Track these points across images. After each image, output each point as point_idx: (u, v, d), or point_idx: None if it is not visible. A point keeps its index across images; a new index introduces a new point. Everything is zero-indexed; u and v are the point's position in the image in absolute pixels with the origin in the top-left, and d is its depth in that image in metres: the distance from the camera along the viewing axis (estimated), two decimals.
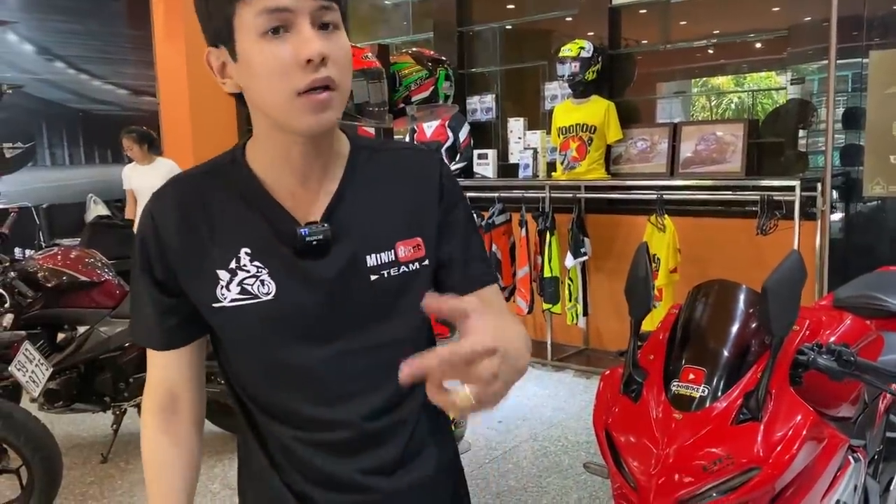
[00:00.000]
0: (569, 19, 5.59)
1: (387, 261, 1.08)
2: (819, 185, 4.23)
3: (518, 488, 3.43)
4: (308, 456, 1.09)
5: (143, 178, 5.65)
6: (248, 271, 1.04)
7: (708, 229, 4.78)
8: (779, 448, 1.60)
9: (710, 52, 5.25)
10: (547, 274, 5.02)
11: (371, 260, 1.07)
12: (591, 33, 5.33)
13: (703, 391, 1.71)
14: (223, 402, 3.88)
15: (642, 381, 1.82)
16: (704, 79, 5.41)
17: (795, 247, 4.15)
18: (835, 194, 4.64)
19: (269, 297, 1.04)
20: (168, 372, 1.14)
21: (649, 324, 2.12)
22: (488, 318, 0.83)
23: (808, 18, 4.73)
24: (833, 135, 4.31)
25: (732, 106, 5.50)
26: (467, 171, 5.61)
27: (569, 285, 5.07)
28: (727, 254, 4.62)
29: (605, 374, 1.94)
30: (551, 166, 5.28)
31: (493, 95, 5.82)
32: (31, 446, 3.01)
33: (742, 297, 1.87)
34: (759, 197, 4.37)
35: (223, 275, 1.04)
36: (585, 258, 5.06)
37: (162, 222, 1.05)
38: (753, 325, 1.81)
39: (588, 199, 5.21)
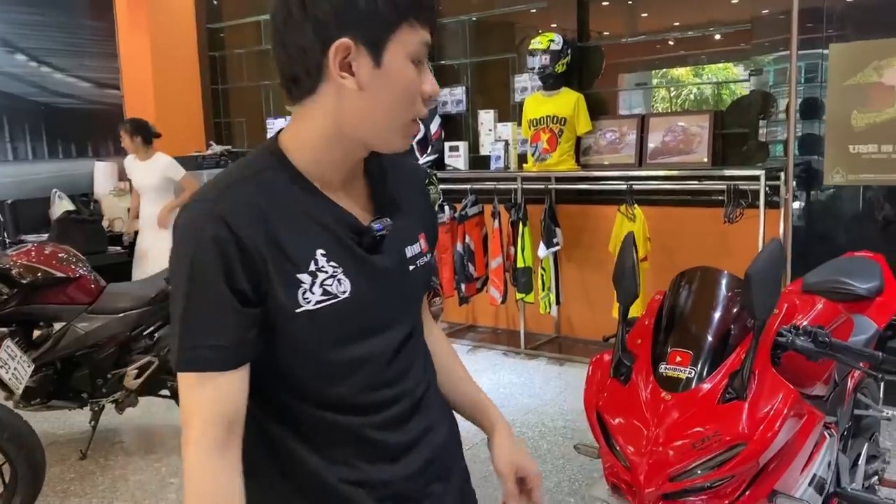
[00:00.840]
0: (535, 11, 5.66)
1: (417, 252, 1.16)
2: (782, 175, 4.37)
3: (492, 475, 3.50)
4: (378, 436, 1.12)
5: (139, 175, 5.55)
6: (326, 272, 1.05)
7: (676, 218, 4.91)
8: (763, 425, 1.69)
9: (673, 43, 5.36)
10: (520, 264, 5.10)
11: (409, 252, 1.15)
12: (556, 25, 5.42)
13: (690, 373, 1.80)
14: None
15: (631, 365, 1.90)
16: (665, 70, 5.53)
17: (760, 234, 4.30)
18: (796, 183, 4.80)
19: (346, 294, 1.06)
20: (229, 396, 1.01)
21: (633, 309, 2.20)
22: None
23: (769, 11, 4.86)
24: (795, 125, 4.46)
25: (692, 97, 5.62)
26: (439, 164, 5.66)
27: (542, 275, 5.16)
28: (696, 242, 4.75)
29: (595, 358, 2.01)
30: (522, 158, 5.36)
31: (464, 88, 5.87)
32: (15, 443, 3.01)
33: (724, 283, 1.96)
34: (725, 186, 4.50)
35: (305, 278, 1.03)
36: (558, 248, 5.16)
37: (239, 226, 0.99)
38: (735, 310, 1.90)
39: (559, 190, 5.31)
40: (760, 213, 4.30)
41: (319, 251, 1.05)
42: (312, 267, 1.04)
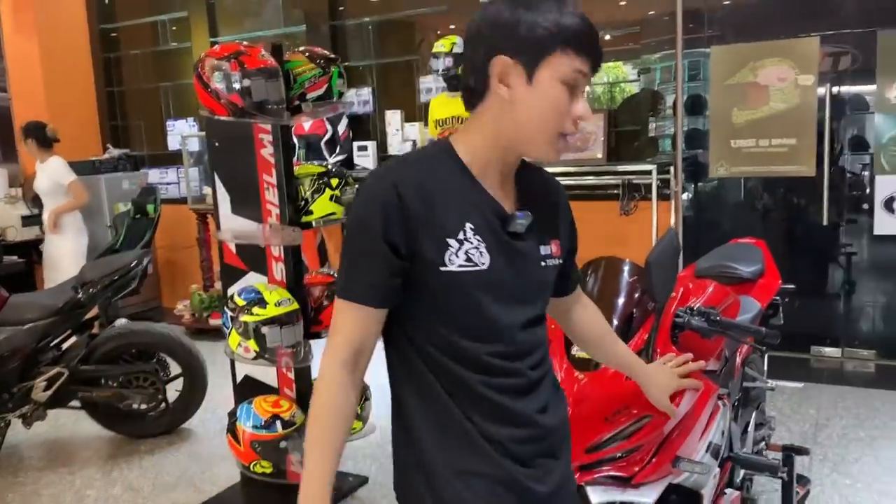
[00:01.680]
0: (436, 14, 5.79)
1: (548, 253, 1.38)
2: (672, 169, 4.69)
3: None
4: (497, 399, 1.31)
5: (37, 178, 5.36)
6: (471, 243, 1.26)
7: (576, 212, 5.08)
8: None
9: None
10: None
11: (542, 250, 1.37)
12: (454, 27, 5.59)
13: None
14: (116, 406, 3.83)
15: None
16: None
17: (653, 225, 4.59)
18: (683, 176, 5.15)
19: (485, 266, 1.27)
20: (363, 329, 1.28)
21: None
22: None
23: (655, 12, 5.17)
24: (682, 122, 4.79)
25: (588, 96, 5.91)
26: (348, 163, 5.72)
27: None
28: (595, 233, 4.95)
29: None
30: None
31: (370, 88, 5.95)
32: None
33: (626, 271, 2.14)
34: (619, 181, 4.78)
35: (453, 243, 1.25)
36: None
37: (405, 192, 1.22)
38: (638, 294, 2.08)
39: None
40: (653, 205, 4.59)
41: (468, 224, 1.26)
42: (461, 236, 1.25)
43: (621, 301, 2.09)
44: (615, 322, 2.04)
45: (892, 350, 4.66)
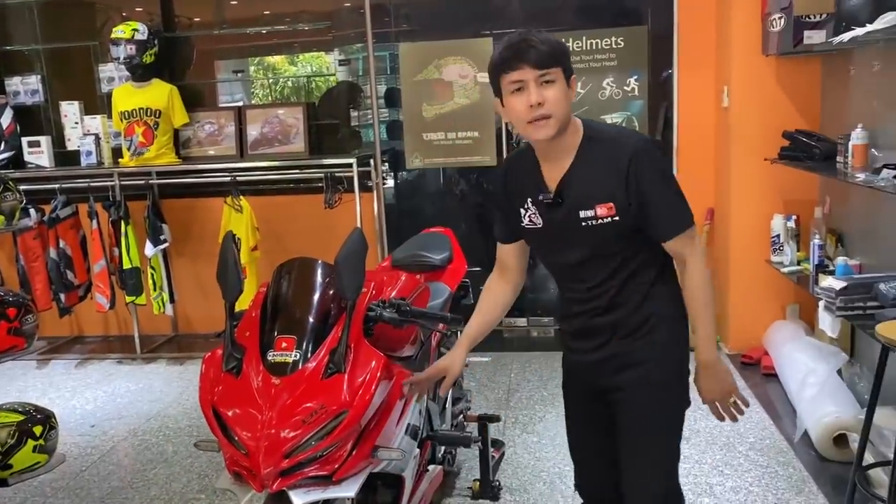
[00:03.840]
0: None
1: (590, 215, 1.80)
2: (372, 161, 4.83)
3: (123, 487, 3.36)
4: (569, 296, 1.98)
5: None
6: (532, 211, 1.90)
7: (281, 207, 5.11)
8: (360, 391, 1.93)
9: (265, 33, 5.51)
10: (126, 265, 4.84)
11: (582, 214, 1.81)
12: (141, 9, 5.21)
13: (296, 356, 1.96)
14: None
15: (241, 357, 2.00)
16: (261, 58, 5.67)
17: (357, 216, 4.71)
18: (387, 166, 5.34)
19: (540, 225, 1.90)
20: (504, 254, 2.05)
21: (241, 302, 2.30)
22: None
23: (350, 5, 5.27)
24: (378, 116, 4.95)
25: (290, 86, 5.86)
26: (17, 162, 5.06)
27: (152, 274, 4.96)
28: (301, 228, 5.01)
29: (207, 356, 2.06)
30: (117, 152, 5.05)
31: (39, 76, 5.29)
32: None
33: (319, 271, 2.16)
34: (323, 174, 4.82)
35: (522, 211, 1.92)
36: (166, 245, 5.00)
37: (508, 172, 1.98)
38: (331, 293, 2.11)
39: (161, 184, 5.14)
40: (356, 197, 4.70)
41: (529, 199, 1.90)
42: (526, 205, 1.91)
43: (315, 300, 2.11)
44: (310, 322, 2.05)
45: None
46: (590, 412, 2.04)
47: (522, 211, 1.90)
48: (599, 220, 1.80)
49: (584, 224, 1.81)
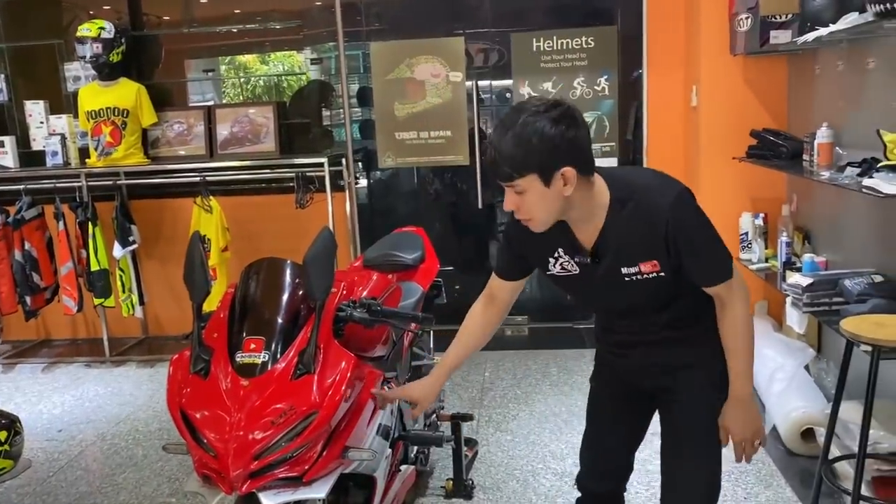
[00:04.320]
0: None
1: (633, 272, 1.76)
2: (343, 161, 4.81)
3: (91, 492, 3.31)
4: (602, 317, 2.05)
5: None
6: (565, 259, 1.83)
7: (252, 207, 5.07)
8: (330, 392, 1.92)
9: (236, 31, 5.46)
10: (94, 267, 4.77)
11: (624, 270, 1.76)
12: (109, 7, 5.14)
13: (265, 357, 1.95)
14: None
15: (209, 359, 1.97)
16: (232, 57, 5.62)
17: (330, 215, 4.68)
18: (360, 166, 5.33)
19: (577, 272, 1.82)
20: (498, 288, 1.99)
21: (209, 303, 2.28)
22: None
23: (321, 3, 5.24)
24: (350, 115, 4.93)
25: (261, 85, 5.82)
26: None
27: (120, 276, 4.90)
28: (272, 228, 4.97)
29: (175, 357, 2.04)
30: (84, 152, 4.97)
31: (3, 75, 5.20)
32: None
33: (288, 271, 2.14)
34: (294, 174, 4.79)
35: (551, 259, 1.84)
36: (135, 246, 4.94)
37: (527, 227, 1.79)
38: (300, 294, 2.10)
39: (130, 185, 5.07)
40: (328, 197, 4.68)
41: (559, 249, 1.82)
42: (557, 255, 1.83)
43: (284, 301, 2.10)
44: (279, 323, 2.04)
45: (540, 314, 5.32)
46: (623, 410, 2.04)
47: (552, 259, 1.83)
48: (645, 276, 1.75)
49: (627, 279, 1.77)
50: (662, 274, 1.75)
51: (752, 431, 1.86)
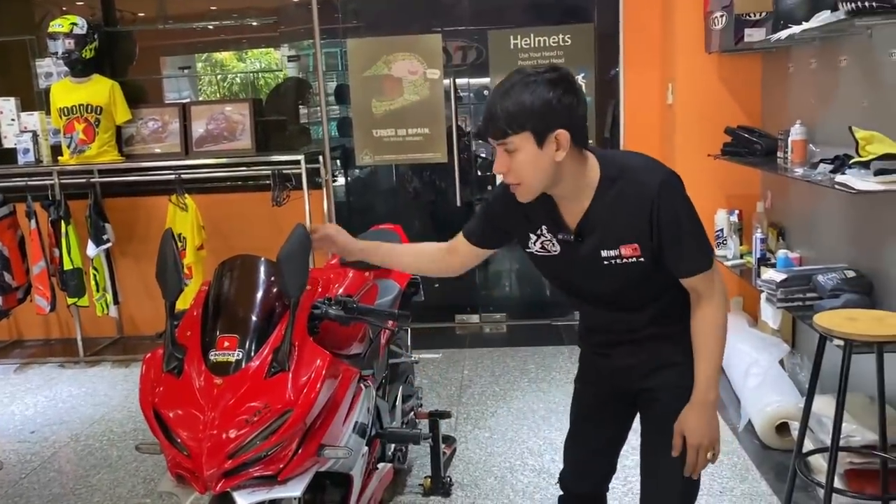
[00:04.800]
0: None
1: (614, 255, 1.74)
2: (321, 158, 4.78)
3: (65, 494, 3.26)
4: (590, 324, 2.02)
5: None
6: (547, 238, 1.81)
7: (228, 205, 5.03)
8: (305, 389, 1.90)
9: (211, 28, 5.41)
10: (68, 266, 4.71)
11: (604, 253, 1.74)
12: (82, 3, 5.07)
13: (238, 355, 1.92)
14: None
15: (182, 357, 1.95)
16: (209, 54, 5.56)
17: (307, 213, 4.66)
18: (337, 163, 5.30)
19: (556, 253, 1.81)
20: (462, 246, 1.97)
21: (183, 302, 2.26)
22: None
23: (295, 0, 5.20)
24: (327, 113, 4.91)
25: (237, 82, 5.78)
26: None
27: (94, 275, 4.84)
28: (249, 226, 4.93)
29: (147, 356, 2.01)
30: (57, 150, 4.90)
31: None
32: None
33: (262, 268, 2.12)
34: (270, 171, 4.76)
35: (532, 236, 1.83)
36: (109, 245, 4.88)
37: (513, 198, 1.76)
38: (275, 291, 2.08)
39: (104, 182, 5.01)
40: (304, 195, 4.65)
41: (544, 226, 1.80)
42: (539, 232, 1.82)
43: (258, 299, 2.08)
44: (253, 320, 2.02)
45: (518, 312, 5.33)
46: (608, 412, 2.03)
47: (533, 236, 1.82)
48: (624, 260, 1.73)
49: (606, 263, 1.74)
50: (642, 259, 1.73)
51: (710, 440, 1.78)
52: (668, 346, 1.85)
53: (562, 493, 2.16)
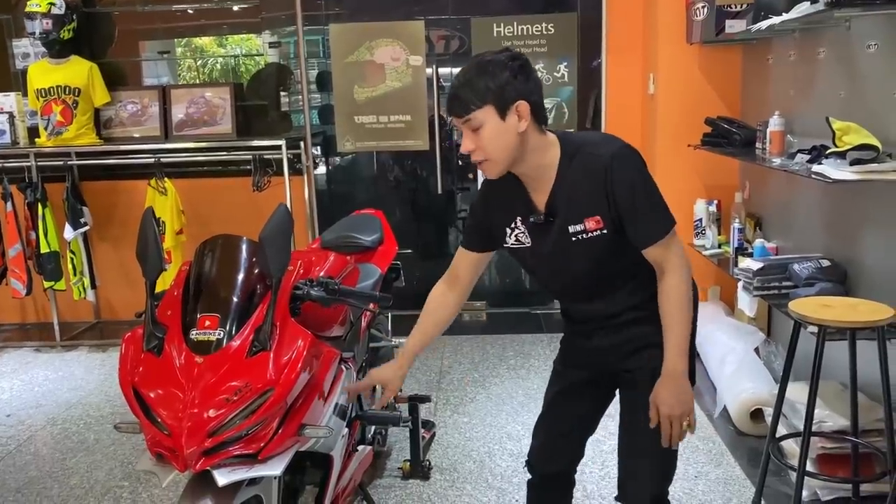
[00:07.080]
0: None
1: (580, 230, 1.80)
2: (302, 144, 4.76)
3: (41, 477, 3.24)
4: (565, 301, 2.07)
5: None
6: (520, 230, 1.89)
7: (208, 189, 4.99)
8: (286, 369, 1.90)
9: (192, 12, 5.35)
10: (44, 249, 4.66)
11: (571, 229, 1.81)
12: None
13: (219, 334, 1.92)
14: None
15: (163, 336, 1.94)
16: (188, 38, 5.49)
17: (287, 199, 4.64)
18: (318, 150, 5.28)
19: (529, 244, 1.89)
20: (461, 262, 2.01)
21: (163, 284, 2.25)
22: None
23: None
24: (309, 98, 4.88)
25: (218, 66, 5.71)
26: None
27: (71, 258, 4.79)
28: (229, 211, 4.90)
29: (127, 335, 2.00)
30: (34, 132, 4.84)
31: None
32: None
33: (244, 248, 2.11)
34: (251, 156, 4.73)
35: (507, 230, 1.90)
36: (86, 228, 4.83)
37: (491, 190, 1.92)
38: (256, 271, 2.07)
39: (81, 165, 4.96)
40: (285, 180, 4.63)
41: (518, 218, 1.89)
42: (513, 225, 1.90)
43: (240, 278, 2.06)
44: (235, 300, 2.01)
45: (498, 299, 5.35)
46: (584, 396, 2.06)
47: (508, 230, 1.89)
48: (589, 234, 1.79)
49: (574, 239, 1.80)
50: (605, 231, 1.78)
51: (682, 410, 1.79)
52: (647, 328, 1.87)
53: (530, 476, 2.19)
